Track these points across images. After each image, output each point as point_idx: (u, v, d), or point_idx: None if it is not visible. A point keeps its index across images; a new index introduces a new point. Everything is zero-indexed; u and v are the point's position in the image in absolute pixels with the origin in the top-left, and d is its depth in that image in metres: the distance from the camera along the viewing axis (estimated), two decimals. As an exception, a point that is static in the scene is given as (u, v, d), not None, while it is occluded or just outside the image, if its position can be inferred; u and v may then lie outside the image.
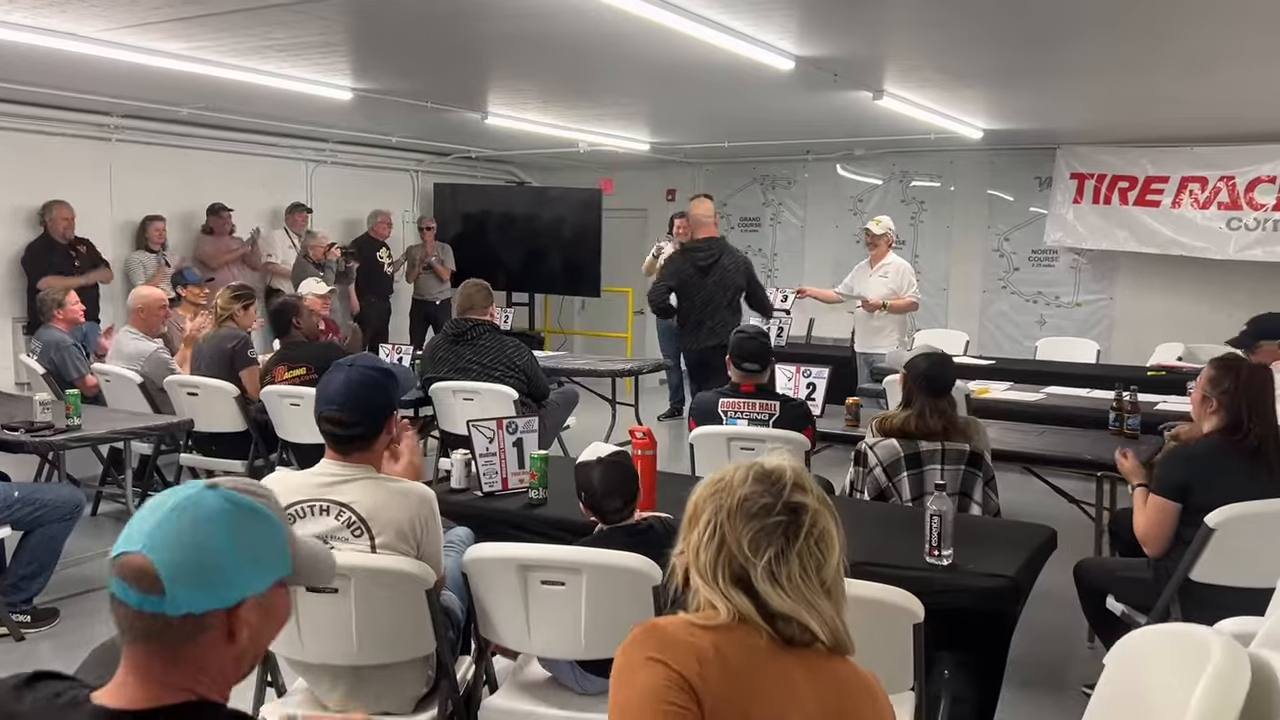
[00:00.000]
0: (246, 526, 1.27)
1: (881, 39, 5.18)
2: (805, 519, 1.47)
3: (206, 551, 1.23)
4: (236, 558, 1.25)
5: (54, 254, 7.24)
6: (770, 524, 1.46)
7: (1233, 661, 1.40)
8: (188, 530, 1.23)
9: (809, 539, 1.46)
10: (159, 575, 1.20)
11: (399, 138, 9.39)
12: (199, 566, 1.22)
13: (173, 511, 1.25)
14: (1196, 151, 8.32)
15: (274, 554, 1.30)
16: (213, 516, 1.25)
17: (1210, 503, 3.09)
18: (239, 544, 1.26)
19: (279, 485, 2.56)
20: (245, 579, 1.26)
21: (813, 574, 1.45)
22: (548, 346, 10.43)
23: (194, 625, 1.22)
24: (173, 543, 1.22)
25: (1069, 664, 3.90)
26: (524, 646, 2.68)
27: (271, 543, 1.30)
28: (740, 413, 4.17)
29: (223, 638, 1.24)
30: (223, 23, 4.83)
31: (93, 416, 4.82)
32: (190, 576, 1.21)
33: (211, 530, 1.24)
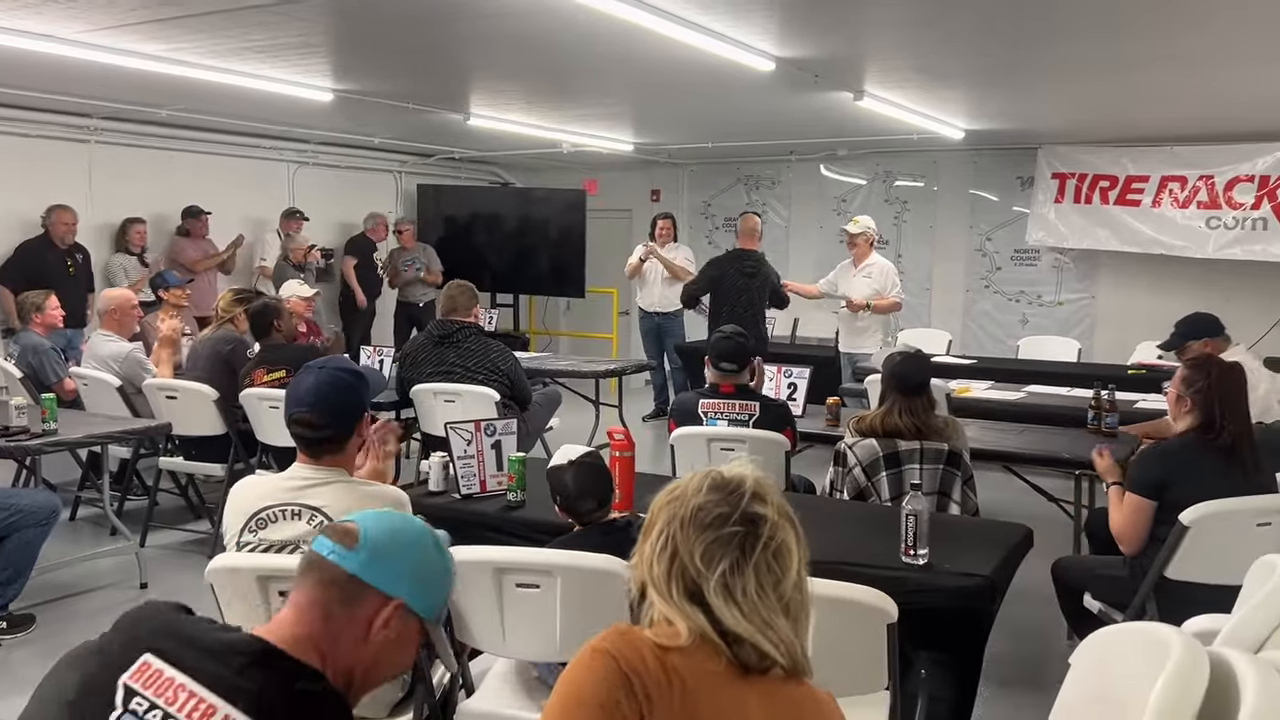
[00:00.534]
0: (432, 556, 1.55)
1: (861, 39, 5.20)
2: (763, 531, 1.39)
3: (400, 544, 1.50)
4: (414, 566, 1.50)
5: (49, 257, 7.17)
6: (725, 535, 1.38)
7: (1191, 659, 1.41)
8: (398, 524, 1.54)
9: (766, 552, 1.38)
10: (360, 535, 1.46)
11: (381, 139, 9.37)
12: (388, 545, 1.48)
13: (393, 515, 1.58)
14: (1176, 151, 8.38)
15: (435, 589, 1.54)
16: (416, 529, 1.56)
17: (1185, 501, 3.11)
18: (421, 559, 1.52)
19: (250, 490, 2.56)
20: (409, 583, 1.48)
21: (769, 589, 1.37)
22: (533, 347, 10.43)
23: (356, 591, 1.43)
24: (382, 525, 1.51)
25: (1047, 662, 3.92)
26: (499, 649, 2.68)
27: (440, 581, 1.56)
28: (720, 413, 4.17)
29: (366, 621, 1.44)
30: (201, 24, 4.81)
31: (70, 420, 4.80)
32: (379, 548, 1.46)
33: (410, 535, 1.53)
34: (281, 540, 2.48)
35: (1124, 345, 7.76)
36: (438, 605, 1.55)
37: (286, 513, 2.48)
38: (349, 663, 1.43)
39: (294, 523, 2.48)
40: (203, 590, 2.46)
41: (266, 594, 2.46)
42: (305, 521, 2.47)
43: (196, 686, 1.29)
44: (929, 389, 3.73)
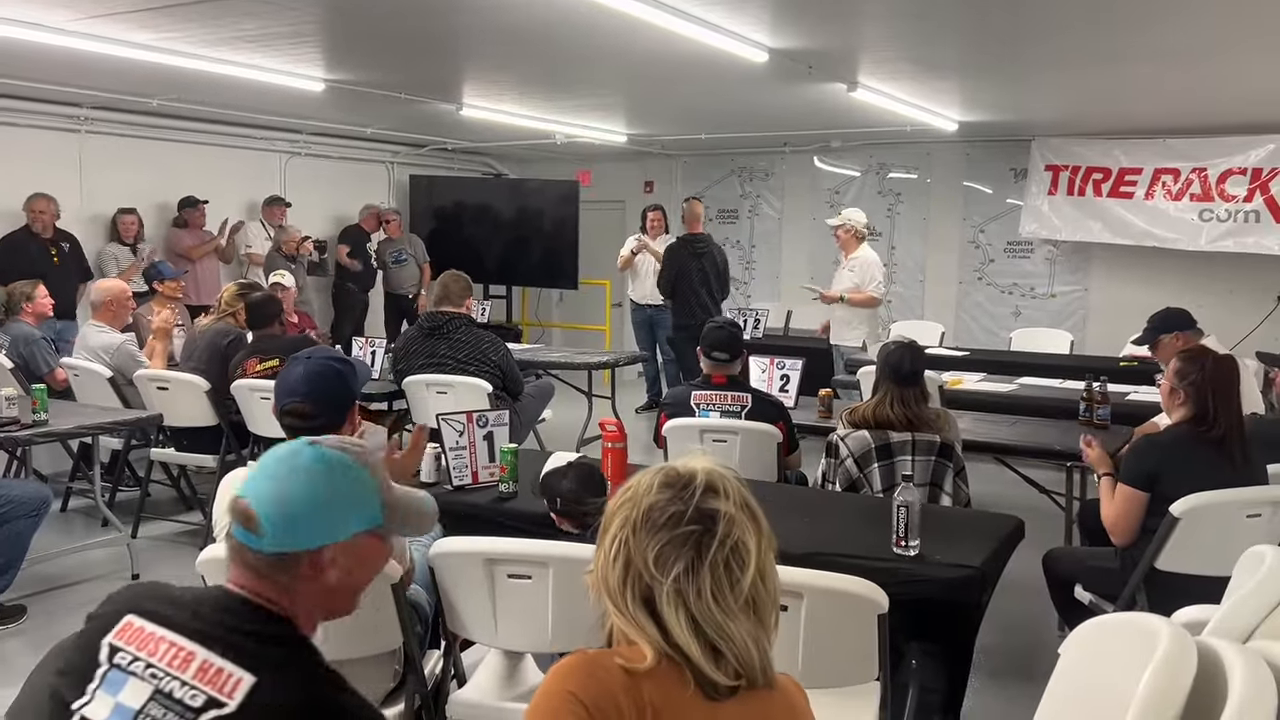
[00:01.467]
0: (331, 480, 1.45)
1: (854, 30, 5.19)
2: (718, 528, 1.31)
3: (293, 501, 1.43)
4: (317, 508, 1.43)
5: (31, 248, 7.05)
6: (679, 535, 1.30)
7: (1179, 649, 1.42)
8: (283, 481, 1.44)
9: (722, 549, 1.30)
10: (258, 518, 1.41)
11: (374, 129, 9.33)
12: (286, 514, 1.42)
13: (273, 464, 1.46)
14: (1169, 143, 8.38)
15: (358, 506, 1.47)
16: (302, 469, 1.45)
17: (1176, 492, 3.12)
18: (321, 495, 1.44)
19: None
20: (326, 527, 1.43)
21: (727, 590, 1.29)
22: (525, 339, 10.41)
23: (284, 562, 1.41)
24: (268, 492, 1.43)
25: (1038, 653, 3.93)
26: (491, 640, 2.68)
27: (356, 495, 1.47)
28: (713, 405, 4.17)
29: (310, 575, 1.43)
30: (191, 13, 4.79)
31: (61, 411, 4.78)
32: (280, 521, 1.41)
33: (299, 481, 1.44)
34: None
35: (1116, 338, 7.76)
36: (371, 510, 1.49)
37: (278, 503, 2.47)
38: (316, 600, 1.45)
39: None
40: (194, 581, 2.45)
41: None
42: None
43: (175, 636, 1.35)
44: (922, 380, 3.74)
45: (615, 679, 1.28)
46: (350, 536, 1.45)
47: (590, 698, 1.26)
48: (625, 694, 1.27)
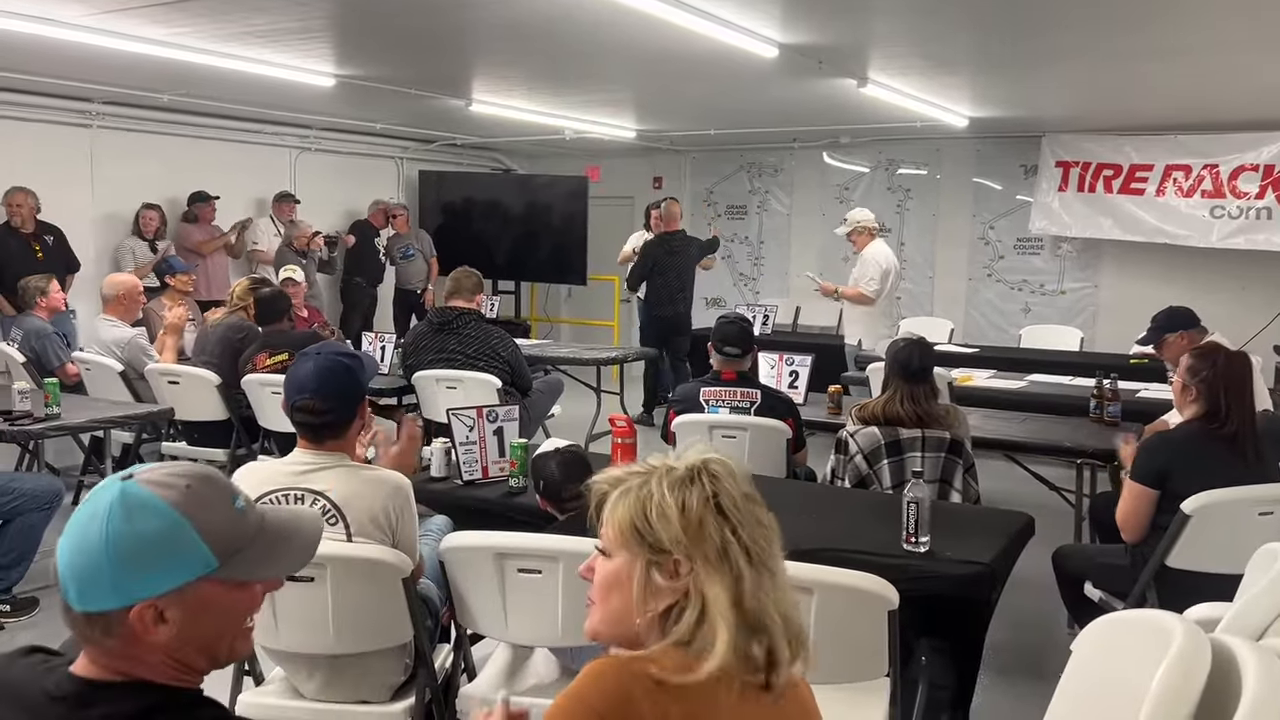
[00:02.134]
0: (130, 528, 1.20)
1: (865, 26, 5.18)
2: None
3: (87, 553, 1.20)
4: (114, 561, 1.19)
5: (11, 244, 6.93)
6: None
7: (1193, 646, 1.41)
8: (81, 528, 1.22)
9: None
10: (60, 574, 1.22)
11: (383, 125, 9.34)
12: (81, 567, 1.21)
13: (84, 505, 1.24)
14: (1180, 140, 8.34)
15: (172, 554, 1.21)
16: (100, 516, 1.21)
17: (1188, 490, 3.11)
18: (117, 547, 1.19)
19: (252, 476, 2.56)
20: (130, 582, 1.20)
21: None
22: (534, 335, 10.43)
23: (99, 620, 1.21)
24: (70, 539, 1.22)
25: (1048, 650, 3.92)
26: (501, 634, 2.69)
27: (166, 543, 1.21)
28: (722, 401, 4.17)
29: (135, 634, 1.21)
30: (202, 8, 4.79)
31: (73, 405, 4.80)
32: (74, 575, 1.21)
33: (95, 531, 1.20)
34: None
35: (1127, 335, 7.72)
36: (191, 556, 1.22)
37: (289, 497, 2.49)
38: (163, 658, 1.24)
39: (298, 507, 2.48)
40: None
41: (269, 578, 2.47)
42: (308, 505, 2.48)
43: None
44: (932, 377, 3.73)
45: (643, 691, 1.25)
46: (170, 591, 1.21)
47: (610, 707, 1.24)
48: (651, 708, 1.24)
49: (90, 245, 7.79)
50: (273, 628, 2.53)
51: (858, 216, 7.30)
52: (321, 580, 2.46)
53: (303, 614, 2.50)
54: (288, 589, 2.46)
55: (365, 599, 2.49)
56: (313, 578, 2.46)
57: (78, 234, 7.55)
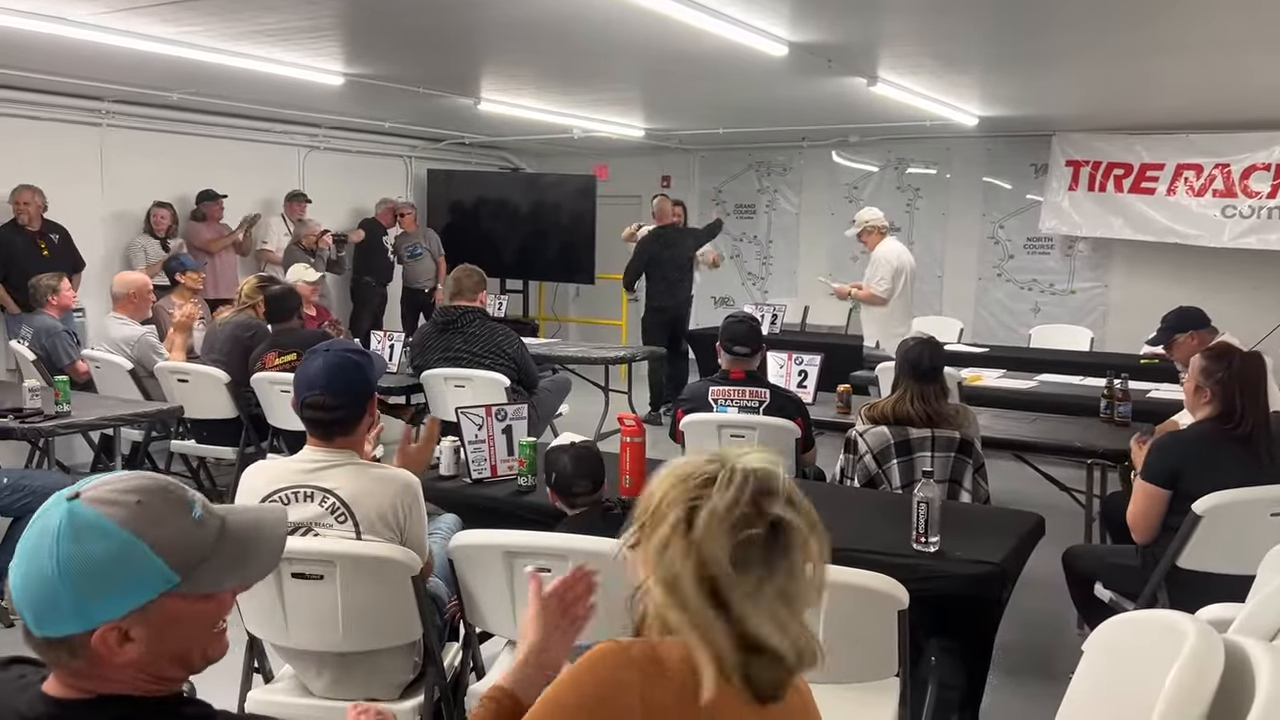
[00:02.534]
0: (80, 553, 1.15)
1: (874, 24, 5.16)
2: (784, 536, 1.29)
3: (38, 580, 1.16)
4: (68, 588, 1.15)
5: (18, 242, 6.95)
6: (750, 537, 1.26)
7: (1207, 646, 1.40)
8: (30, 554, 1.17)
9: (788, 556, 1.29)
10: (14, 601, 1.18)
11: (392, 124, 9.35)
12: (33, 595, 1.16)
13: (30, 528, 1.18)
14: (1192, 139, 8.31)
15: (128, 576, 1.17)
16: (48, 542, 1.16)
17: (1200, 490, 3.09)
18: (69, 574, 1.15)
19: (262, 474, 2.57)
20: (87, 608, 1.16)
21: (794, 594, 1.29)
22: (542, 334, 10.43)
23: (62, 644, 1.17)
24: (19, 566, 1.18)
25: (1058, 651, 3.91)
26: (510, 632, 2.68)
27: (119, 565, 1.16)
28: (730, 400, 4.16)
29: (101, 654, 1.17)
30: (211, 7, 4.80)
31: (83, 403, 4.81)
32: (27, 603, 1.17)
33: (44, 558, 1.15)
34: (295, 522, 2.48)
35: (1137, 335, 7.66)
36: (149, 574, 1.18)
37: (299, 494, 2.49)
38: (134, 673, 1.21)
39: (306, 504, 2.48)
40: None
41: (279, 575, 2.47)
42: (317, 503, 2.48)
43: None
44: (942, 376, 3.72)
45: (639, 673, 1.26)
46: (133, 611, 1.16)
47: (601, 692, 1.26)
48: (645, 692, 1.25)
49: (100, 244, 7.80)
50: (282, 625, 2.53)
51: (866, 216, 7.25)
52: (331, 578, 2.46)
53: (312, 612, 2.50)
54: (298, 587, 2.48)
55: (374, 597, 2.50)
56: (322, 575, 2.46)
57: (87, 232, 7.58)
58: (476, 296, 5.51)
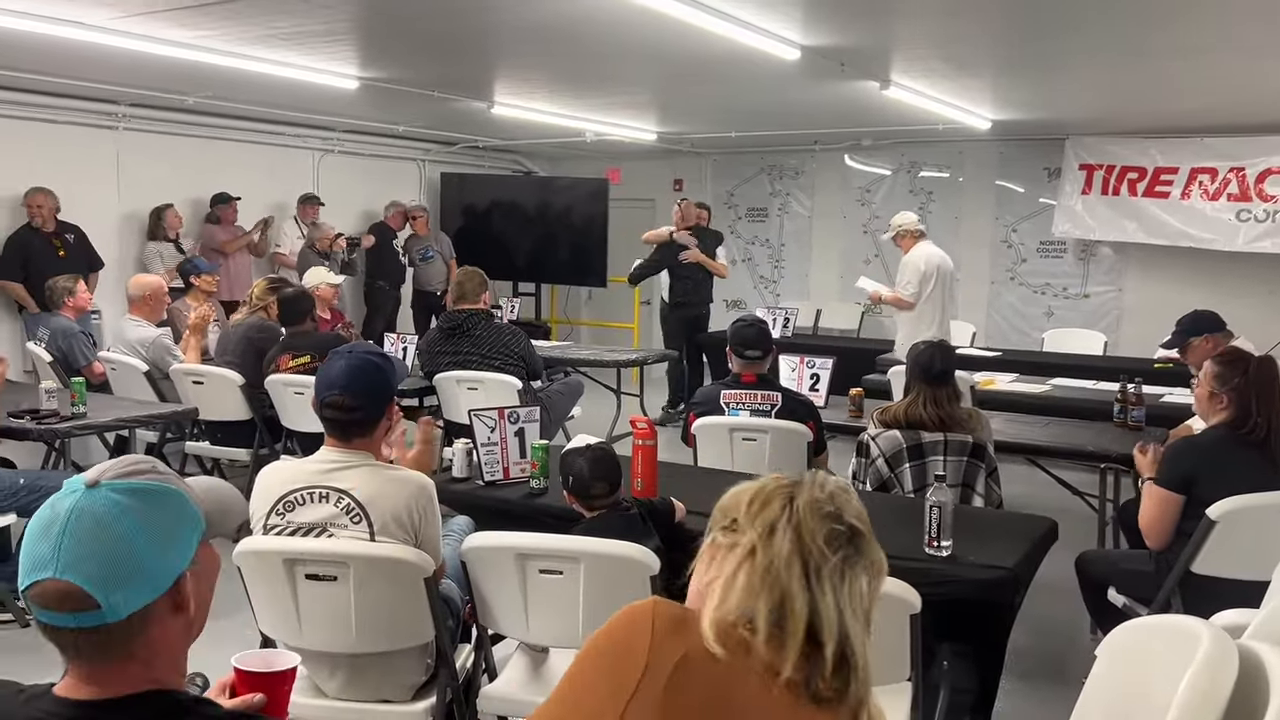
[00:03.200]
0: (147, 511, 1.24)
1: (887, 28, 5.16)
2: (865, 545, 1.39)
3: (123, 552, 1.20)
4: (153, 545, 1.23)
5: (34, 243, 7.01)
6: (839, 530, 1.36)
7: (1221, 652, 1.40)
8: (92, 538, 1.20)
9: (866, 556, 1.38)
10: (88, 592, 1.18)
11: (406, 127, 9.38)
12: (123, 569, 1.20)
13: (68, 525, 1.20)
14: (1206, 142, 8.27)
15: (184, 521, 1.28)
16: (112, 516, 1.21)
17: (1214, 495, 3.09)
18: (149, 531, 1.23)
19: (277, 474, 2.58)
20: (170, 559, 1.25)
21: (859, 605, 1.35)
22: (554, 336, 10.44)
23: (140, 620, 1.22)
24: (85, 556, 1.19)
25: (1071, 656, 3.90)
26: (522, 635, 2.70)
27: (178, 513, 1.28)
28: (742, 404, 4.16)
29: (169, 616, 1.25)
30: (227, 11, 4.83)
31: (99, 404, 4.85)
32: (119, 581, 1.19)
33: (117, 530, 1.21)
34: (309, 522, 2.50)
35: (1151, 339, 7.65)
36: (194, 519, 1.30)
37: (314, 495, 2.50)
38: (177, 644, 1.28)
39: (321, 505, 2.50)
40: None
41: (293, 576, 2.49)
42: (333, 504, 2.49)
43: None
44: (954, 379, 3.71)
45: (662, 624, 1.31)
46: (191, 557, 1.28)
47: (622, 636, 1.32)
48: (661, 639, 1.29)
49: (115, 246, 7.85)
50: (295, 626, 2.55)
51: (899, 220, 7.16)
52: (344, 579, 2.47)
53: (325, 613, 2.52)
54: (311, 588, 2.49)
55: (387, 598, 2.51)
56: (335, 577, 2.47)
57: (103, 235, 7.62)
58: (480, 298, 5.55)
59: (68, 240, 7.21)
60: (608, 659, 1.32)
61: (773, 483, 1.41)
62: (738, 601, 1.32)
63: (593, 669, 1.33)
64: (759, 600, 1.31)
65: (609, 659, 1.31)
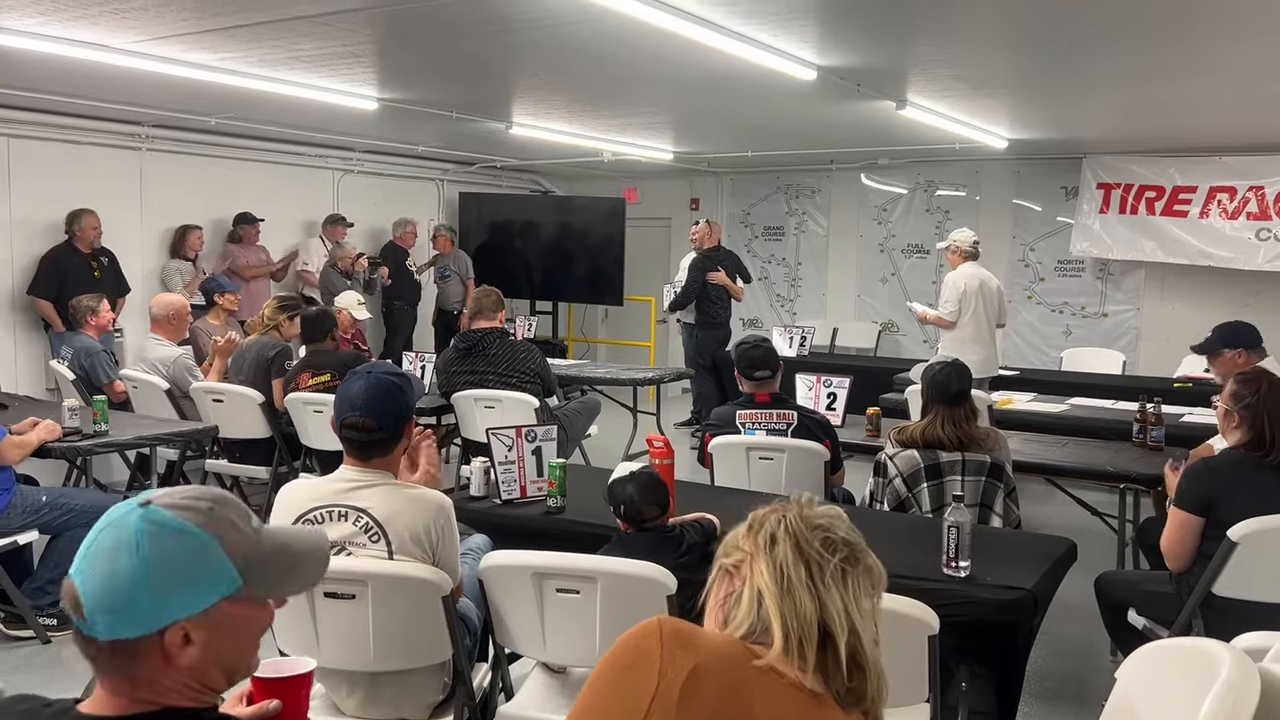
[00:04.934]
0: (162, 552, 1.22)
1: (903, 49, 5.17)
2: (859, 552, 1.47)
3: (120, 580, 1.21)
4: (149, 586, 1.21)
5: (73, 263, 7.13)
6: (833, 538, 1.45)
7: (1242, 675, 1.39)
8: (106, 556, 1.22)
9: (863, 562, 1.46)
10: (81, 603, 1.21)
11: (425, 147, 9.46)
12: (113, 596, 1.21)
13: (100, 534, 1.23)
14: (1225, 161, 8.24)
15: (203, 574, 1.25)
16: (128, 543, 1.22)
17: (1233, 517, 3.06)
18: (152, 572, 1.21)
19: (297, 493, 2.60)
20: (164, 606, 1.22)
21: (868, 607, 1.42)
22: (571, 355, 10.47)
23: (127, 649, 1.22)
24: (93, 569, 1.22)
25: (1090, 677, 3.87)
26: (539, 654, 2.70)
27: (198, 564, 1.24)
28: (758, 423, 4.17)
29: (161, 659, 1.23)
30: (250, 34, 4.90)
31: (120, 422, 4.89)
32: (106, 605, 1.21)
33: (125, 558, 1.21)
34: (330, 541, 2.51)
35: (1170, 358, 7.64)
36: (220, 576, 1.26)
37: (333, 514, 2.52)
38: (187, 681, 1.26)
39: (340, 524, 2.51)
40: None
41: (312, 594, 2.50)
42: (351, 523, 2.51)
43: None
44: (970, 398, 3.71)
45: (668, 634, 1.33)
46: (200, 612, 1.24)
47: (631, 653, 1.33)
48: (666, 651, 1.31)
49: (139, 265, 7.94)
50: (313, 644, 2.56)
51: (955, 236, 7.06)
52: (362, 598, 2.48)
53: (343, 631, 2.53)
54: (330, 606, 2.50)
55: (405, 617, 2.52)
56: (354, 595, 2.49)
57: (127, 254, 7.71)
58: (496, 316, 5.59)
59: (103, 263, 7.34)
60: (620, 679, 1.33)
61: (764, 509, 1.49)
62: (749, 608, 1.38)
63: (606, 690, 1.34)
64: (772, 603, 1.36)
65: (621, 679, 1.33)
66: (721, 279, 8.45)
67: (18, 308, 7.27)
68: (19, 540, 4.12)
